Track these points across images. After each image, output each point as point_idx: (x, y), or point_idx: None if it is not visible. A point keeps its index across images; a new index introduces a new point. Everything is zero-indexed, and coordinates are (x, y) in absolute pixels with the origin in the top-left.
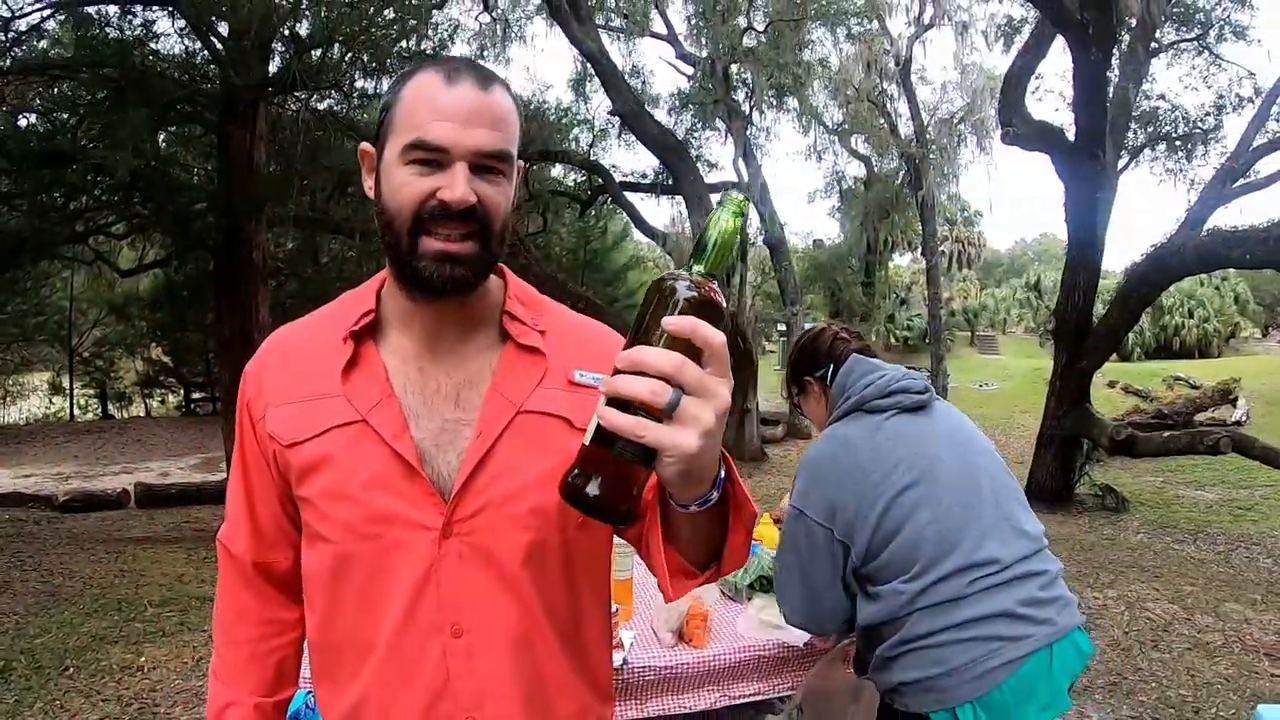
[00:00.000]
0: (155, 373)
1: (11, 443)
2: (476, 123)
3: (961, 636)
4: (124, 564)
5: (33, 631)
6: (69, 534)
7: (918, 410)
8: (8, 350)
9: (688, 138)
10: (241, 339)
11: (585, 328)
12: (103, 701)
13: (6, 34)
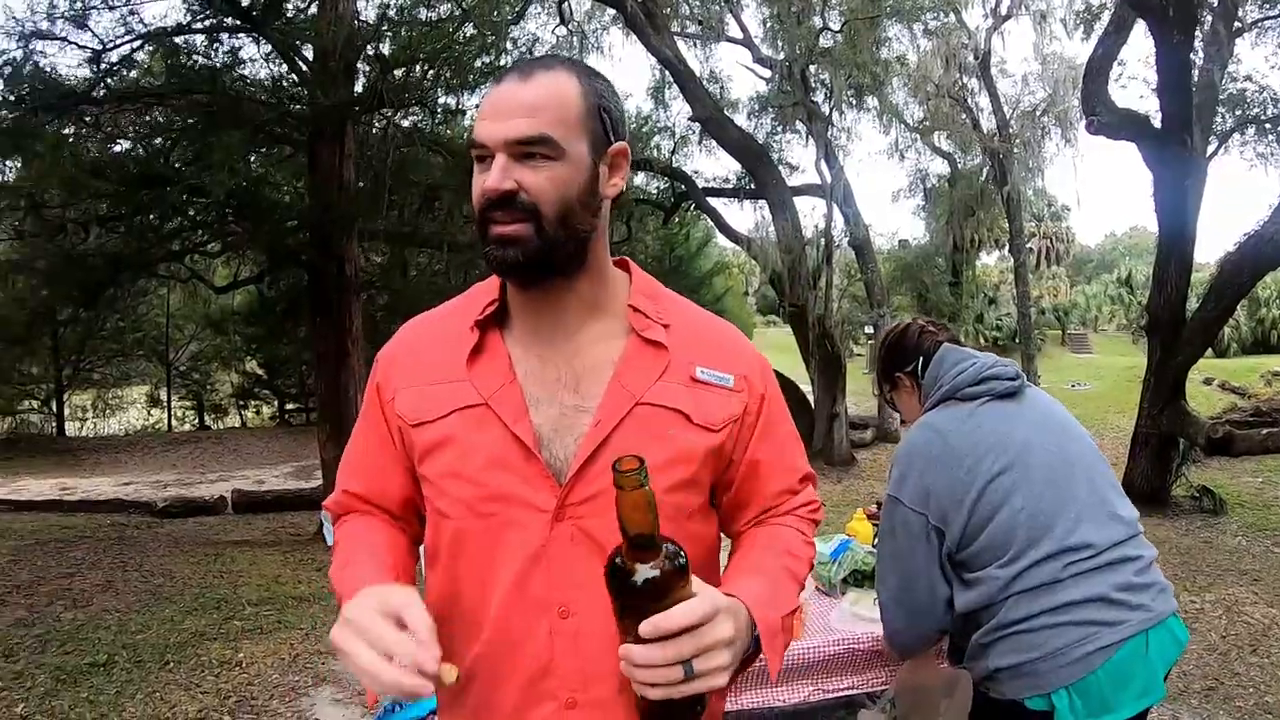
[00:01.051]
0: (250, 385)
1: (112, 453)
2: (509, 114)
3: (1057, 621)
4: (222, 565)
5: (134, 628)
6: (169, 537)
7: (1009, 397)
8: (107, 365)
9: (768, 141)
10: (336, 351)
11: (709, 324)
12: (201, 694)
13: (99, 66)
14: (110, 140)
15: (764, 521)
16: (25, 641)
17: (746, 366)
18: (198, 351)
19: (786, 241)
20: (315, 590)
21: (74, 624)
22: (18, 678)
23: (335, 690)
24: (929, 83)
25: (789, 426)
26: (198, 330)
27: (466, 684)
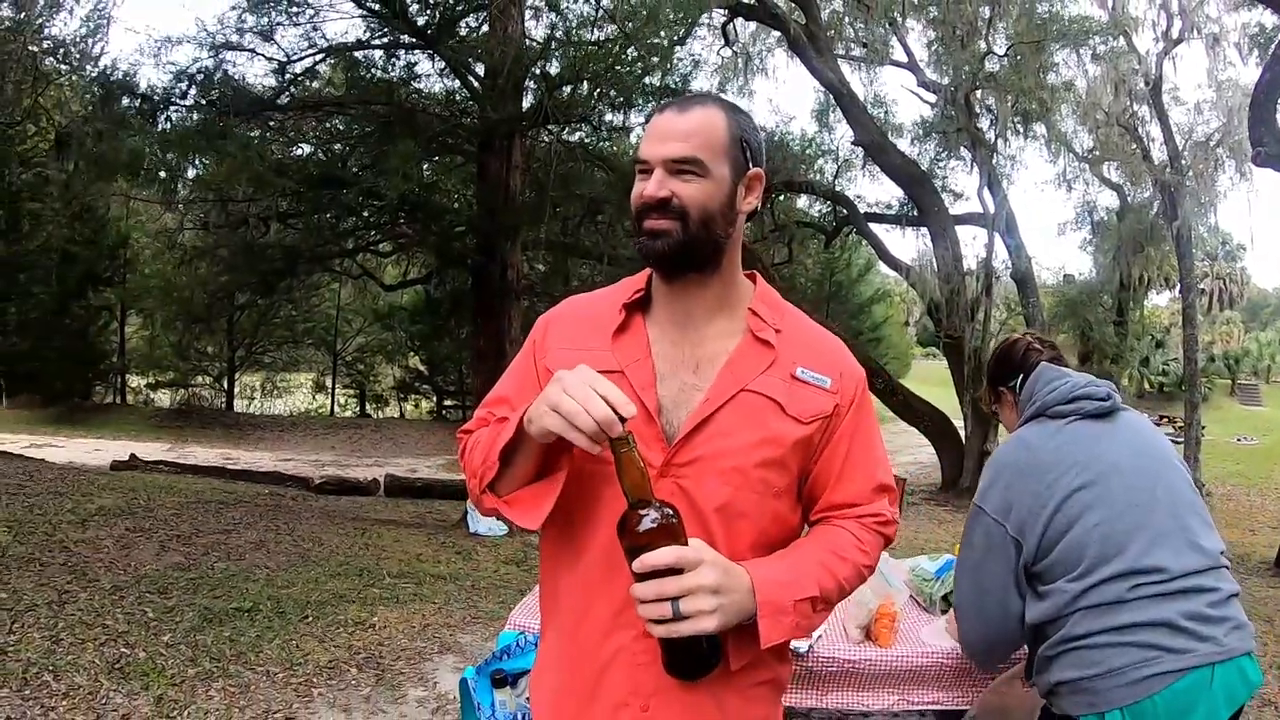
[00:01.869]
0: (411, 379)
1: (275, 431)
2: (668, 138)
3: (1119, 640)
4: (368, 539)
5: (280, 583)
6: (321, 510)
7: (1101, 417)
8: (278, 350)
9: (932, 167)
10: (495, 352)
11: (818, 335)
12: (334, 648)
13: (284, 76)
14: (292, 144)
15: (829, 519)
16: (179, 582)
17: (844, 374)
18: (364, 344)
19: (946, 270)
20: (453, 571)
21: (225, 573)
22: (169, 612)
23: (458, 659)
24: (1098, 110)
25: (875, 439)
26: (365, 324)
27: (566, 605)
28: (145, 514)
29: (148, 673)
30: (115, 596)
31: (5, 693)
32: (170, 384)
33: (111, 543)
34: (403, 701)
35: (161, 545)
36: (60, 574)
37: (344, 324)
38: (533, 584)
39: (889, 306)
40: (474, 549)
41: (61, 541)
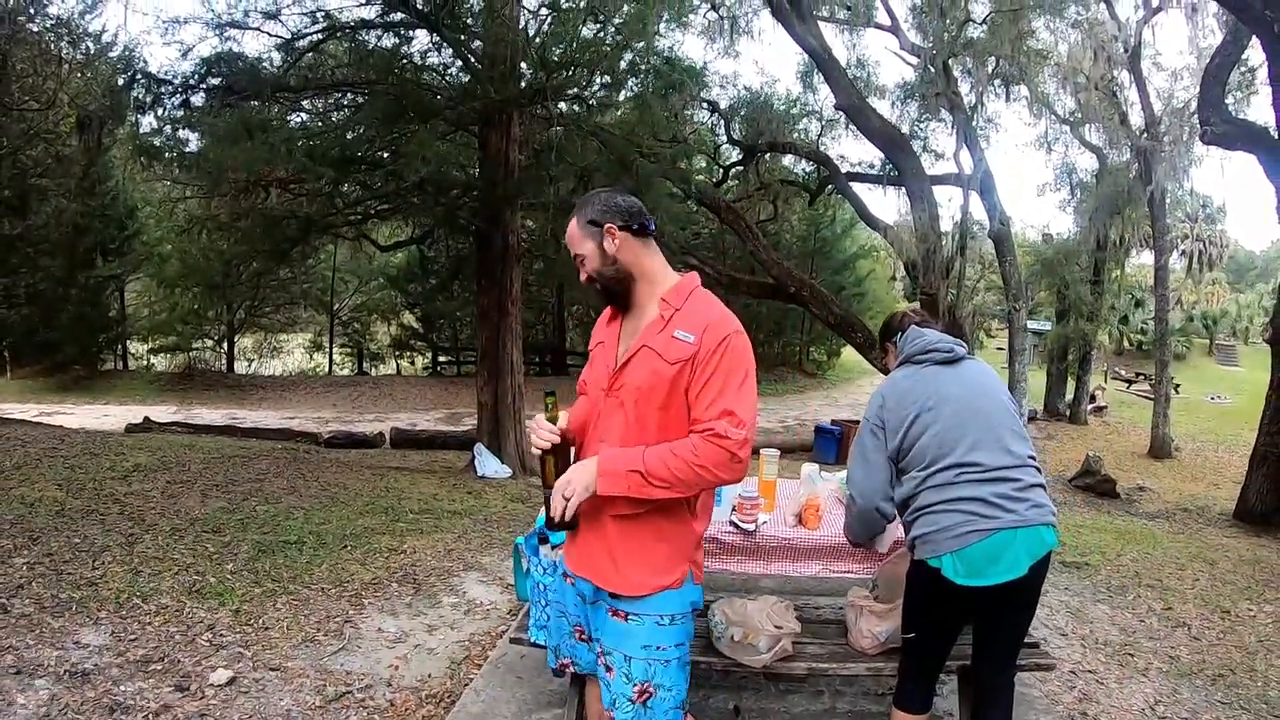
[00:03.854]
0: (406, 337)
1: (276, 390)
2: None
3: (949, 509)
4: (387, 484)
5: (317, 520)
6: (336, 461)
7: (947, 364)
8: (276, 312)
9: (914, 128)
10: (497, 309)
11: (704, 309)
12: (374, 569)
13: (289, 54)
14: (307, 125)
15: (690, 432)
16: (229, 523)
17: (707, 331)
18: (360, 304)
19: (922, 230)
20: (466, 508)
21: (267, 514)
22: (226, 545)
23: (481, 575)
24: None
25: (730, 378)
26: (361, 284)
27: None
28: (179, 469)
29: (221, 593)
30: (176, 537)
31: (105, 613)
32: (173, 349)
33: (158, 494)
34: (439, 606)
35: (203, 494)
36: (120, 521)
37: (340, 284)
38: (534, 518)
39: (874, 262)
40: (483, 489)
41: (112, 495)
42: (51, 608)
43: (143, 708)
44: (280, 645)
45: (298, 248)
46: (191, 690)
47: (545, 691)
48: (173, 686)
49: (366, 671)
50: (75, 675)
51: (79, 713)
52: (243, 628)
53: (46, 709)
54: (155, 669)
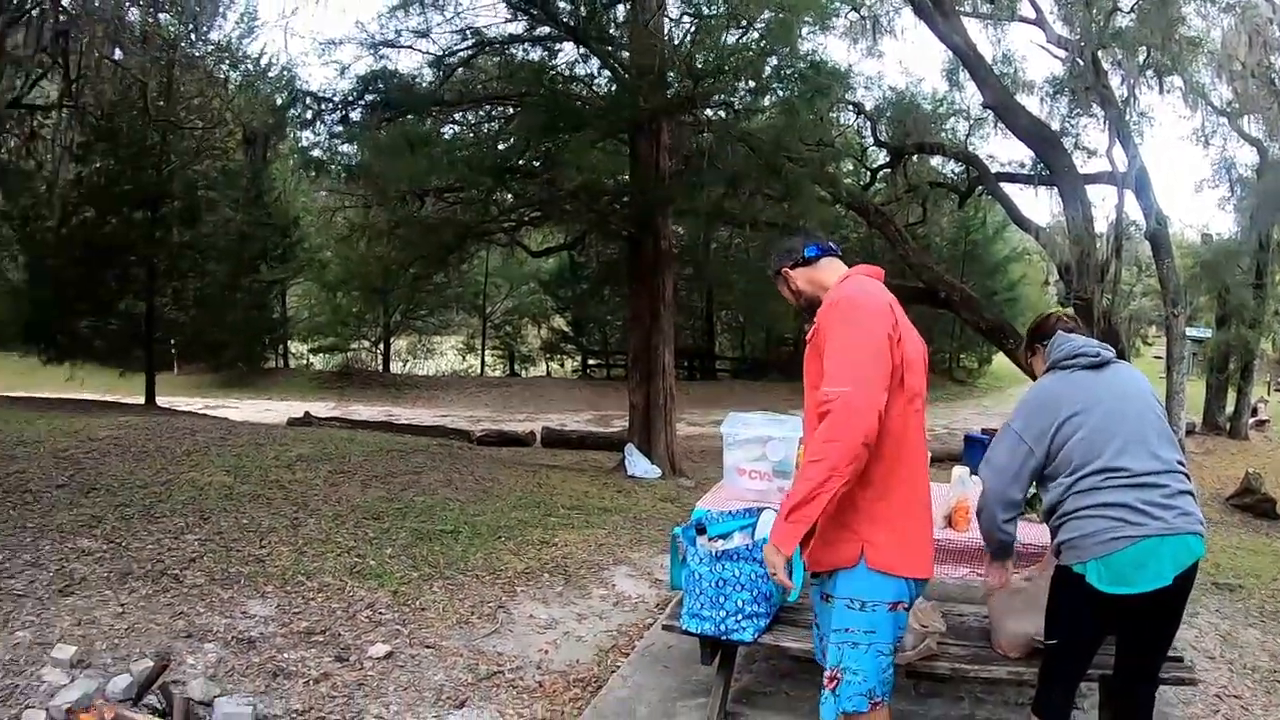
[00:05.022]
0: (556, 340)
1: (430, 390)
2: None
3: (1094, 514)
4: (538, 480)
5: (472, 512)
6: (489, 457)
7: (1094, 368)
8: (431, 315)
9: (1064, 125)
10: (650, 312)
11: (833, 292)
12: (527, 559)
13: (441, 69)
14: (460, 137)
15: None
16: (388, 511)
17: (822, 312)
18: (512, 307)
19: (1075, 232)
20: (616, 505)
21: (424, 505)
22: (385, 532)
23: (630, 570)
24: (1234, 61)
25: (832, 344)
26: (513, 288)
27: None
28: (340, 460)
29: (380, 575)
30: (338, 522)
31: (271, 588)
32: (331, 349)
33: (320, 482)
34: (588, 597)
35: (363, 484)
36: (285, 506)
37: (492, 288)
38: (685, 517)
39: (1027, 266)
40: (633, 489)
41: (277, 481)
42: (221, 580)
43: (304, 674)
44: (435, 625)
45: (454, 253)
46: (350, 661)
47: (691, 681)
48: (333, 657)
49: (517, 654)
50: (241, 641)
51: (244, 675)
52: (400, 607)
53: (214, 670)
54: (317, 640)
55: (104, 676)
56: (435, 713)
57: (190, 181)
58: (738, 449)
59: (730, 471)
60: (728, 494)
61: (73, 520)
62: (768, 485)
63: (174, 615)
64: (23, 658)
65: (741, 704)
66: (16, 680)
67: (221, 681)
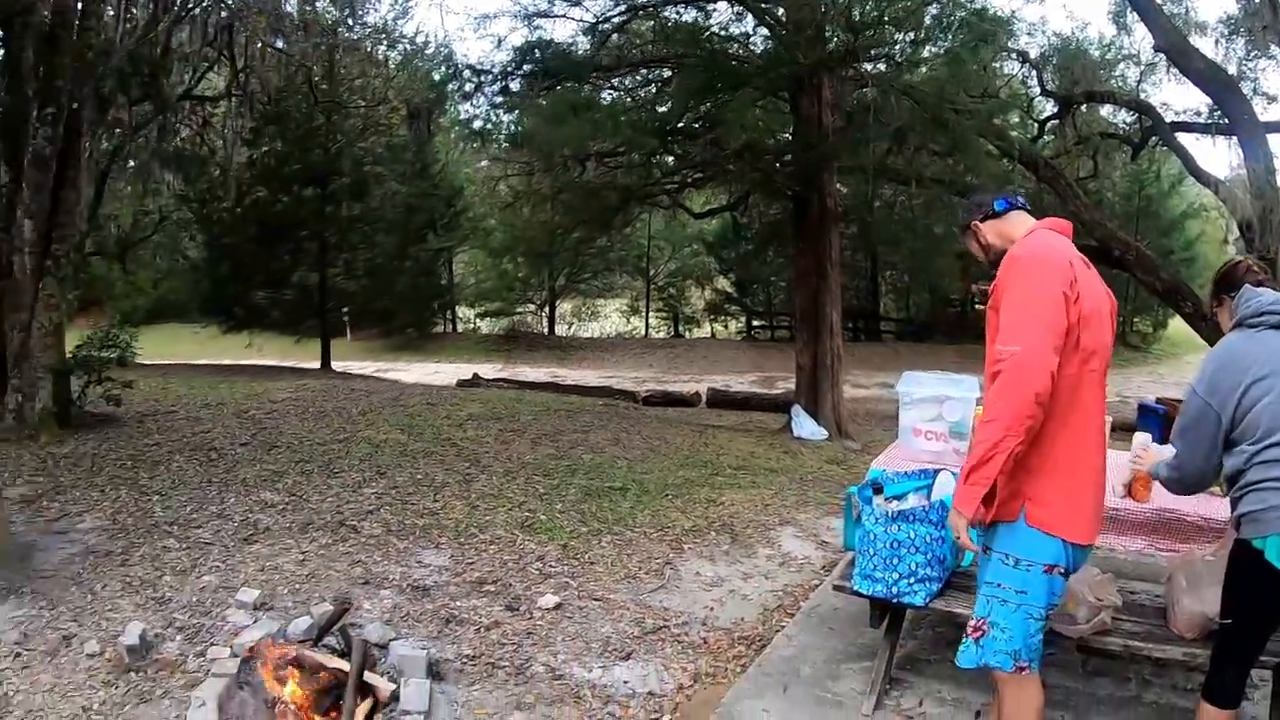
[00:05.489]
0: (720, 301)
1: (595, 351)
2: None
3: (1277, 486)
4: (705, 440)
5: (640, 470)
6: (655, 417)
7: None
8: (595, 278)
9: (1241, 69)
10: (816, 271)
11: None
12: (694, 516)
13: (595, 35)
14: (617, 101)
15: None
16: (558, 469)
17: (1001, 271)
18: (675, 269)
19: (1257, 185)
20: (782, 466)
21: (593, 462)
22: (555, 488)
23: (796, 530)
24: None
25: (1011, 314)
26: (675, 250)
27: None
28: (510, 419)
29: (550, 529)
30: (508, 478)
31: (445, 540)
32: (497, 313)
33: (491, 439)
34: (754, 557)
35: (533, 442)
36: (458, 462)
37: (655, 250)
38: (851, 479)
39: (1205, 223)
40: (799, 450)
41: (449, 439)
42: (397, 531)
43: (475, 621)
44: (604, 579)
45: (616, 217)
46: (521, 610)
47: (856, 644)
48: (503, 606)
49: (683, 610)
50: (416, 589)
51: (418, 620)
52: (570, 561)
53: (390, 615)
54: (489, 590)
55: (285, 618)
56: (601, 663)
57: (357, 158)
58: (913, 409)
59: (905, 431)
60: (903, 454)
61: (256, 475)
62: (943, 446)
63: (352, 563)
64: (209, 600)
65: (906, 670)
66: (203, 620)
67: (397, 626)
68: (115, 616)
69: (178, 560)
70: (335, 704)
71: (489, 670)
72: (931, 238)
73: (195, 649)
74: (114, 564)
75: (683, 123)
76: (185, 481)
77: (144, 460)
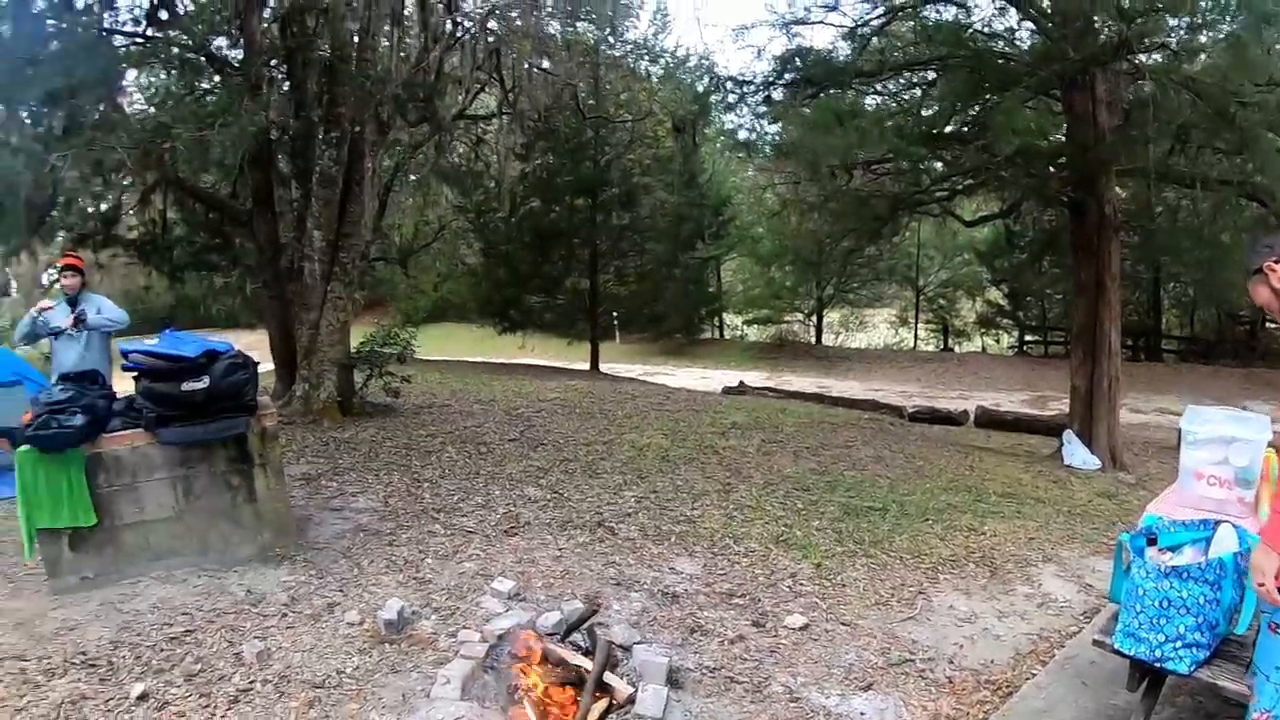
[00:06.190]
0: (991, 314)
1: (861, 363)
2: None
3: None
4: (970, 463)
5: (901, 491)
6: (919, 435)
7: None
8: (862, 287)
9: None
10: (1095, 286)
11: None
12: (953, 545)
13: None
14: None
15: None
16: (817, 484)
17: None
18: (945, 280)
19: None
20: (1050, 497)
21: (854, 479)
22: (813, 504)
23: (1058, 569)
24: None
25: None
26: (945, 260)
27: None
28: (773, 429)
29: (804, 547)
30: (767, 490)
31: (699, 548)
32: (764, 321)
33: (753, 450)
34: (1011, 594)
35: (795, 454)
36: (718, 471)
37: (924, 260)
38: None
39: None
40: (1068, 479)
41: (712, 447)
42: (653, 536)
43: (720, 634)
44: (854, 603)
45: (886, 225)
46: (767, 627)
47: (1109, 705)
48: (750, 621)
49: (931, 645)
50: (666, 595)
51: (664, 626)
52: (821, 581)
53: (637, 618)
54: (737, 603)
55: (536, 611)
56: (840, 690)
57: (625, 170)
58: (1197, 449)
59: (1186, 474)
60: (1181, 499)
61: (521, 471)
62: (1227, 494)
63: (606, 564)
64: (466, 585)
65: None
66: (459, 604)
67: (642, 630)
68: (377, 591)
69: (441, 545)
70: (573, 699)
71: (727, 684)
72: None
73: (448, 629)
74: (381, 543)
75: (950, 127)
76: (454, 471)
77: (417, 449)
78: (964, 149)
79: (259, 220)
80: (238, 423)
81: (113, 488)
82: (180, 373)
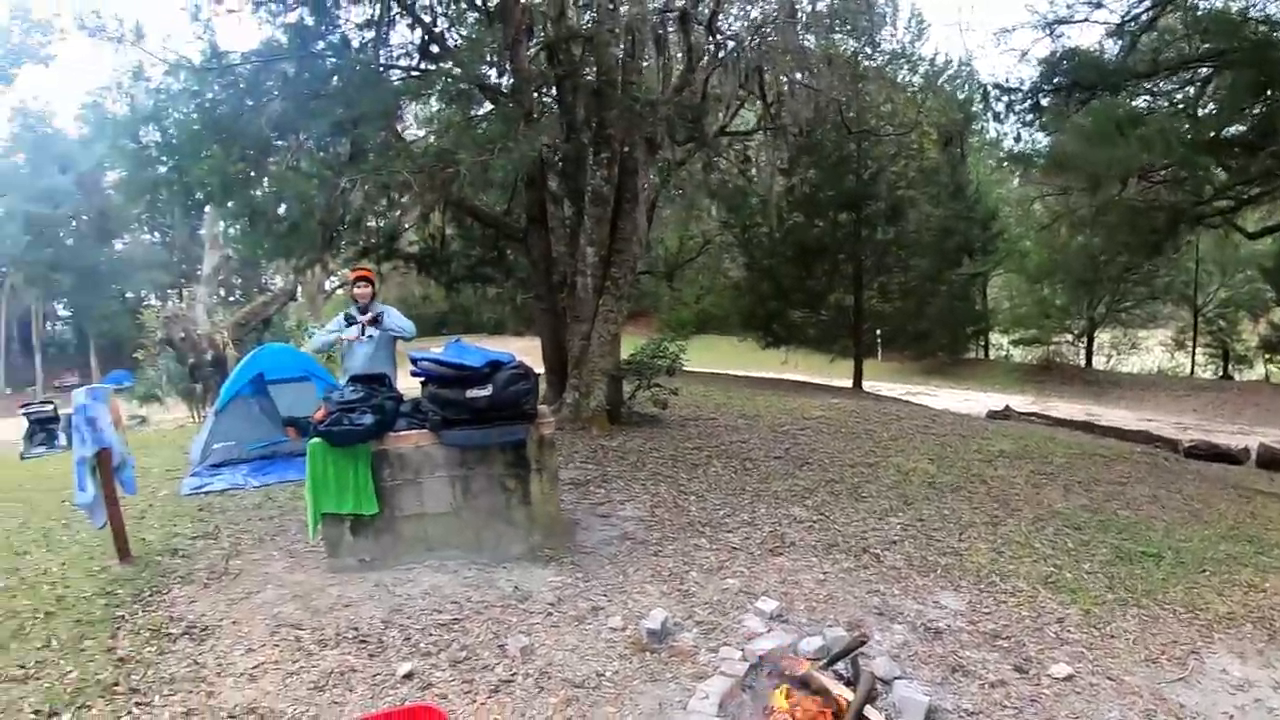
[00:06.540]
0: (1277, 338)
1: (1134, 389)
2: None
3: None
4: (1252, 509)
5: (1178, 536)
6: (1196, 474)
7: None
8: (1137, 307)
9: None
10: None
11: None
12: (1230, 601)
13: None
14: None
15: None
16: (1090, 522)
17: None
18: (1226, 298)
19: None
20: None
21: (1127, 520)
22: (1084, 544)
23: None
24: None
25: None
26: (1226, 276)
27: None
28: (1041, 459)
29: (1074, 590)
30: (1037, 526)
31: (965, 583)
32: (1032, 341)
33: (1022, 481)
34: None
35: (1065, 488)
36: (986, 502)
37: (1203, 276)
38: None
39: None
40: None
41: (979, 475)
42: (919, 567)
43: (981, 676)
44: (1122, 657)
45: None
46: (1029, 674)
47: None
48: (1012, 665)
49: (1200, 711)
50: (928, 630)
51: (925, 662)
52: (1089, 629)
53: (898, 651)
54: (1001, 645)
55: (798, 634)
56: None
57: (890, 183)
58: None
59: None
60: None
61: (787, 490)
62: None
63: (869, 591)
64: (729, 602)
65: None
66: (720, 620)
67: (903, 664)
68: (641, 600)
69: (706, 559)
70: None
71: None
72: None
73: (709, 644)
74: (647, 552)
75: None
76: (719, 486)
77: (683, 461)
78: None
79: (534, 236)
80: (517, 430)
81: (396, 482)
82: (465, 380)
